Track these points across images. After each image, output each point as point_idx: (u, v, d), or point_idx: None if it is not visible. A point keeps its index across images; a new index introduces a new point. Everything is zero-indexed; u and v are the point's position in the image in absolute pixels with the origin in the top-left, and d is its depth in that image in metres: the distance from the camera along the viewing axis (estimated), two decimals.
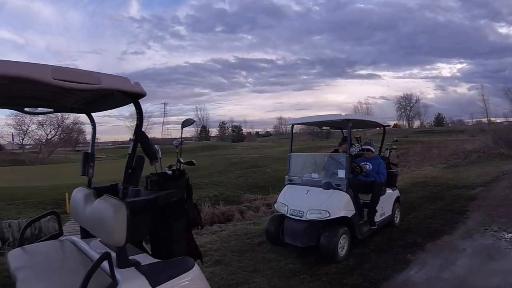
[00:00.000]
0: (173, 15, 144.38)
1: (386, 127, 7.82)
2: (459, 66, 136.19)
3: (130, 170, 2.59)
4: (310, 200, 5.48)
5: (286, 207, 5.65)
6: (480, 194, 9.99)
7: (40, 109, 3.56)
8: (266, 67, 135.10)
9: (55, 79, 2.04)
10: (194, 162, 3.65)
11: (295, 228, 5.38)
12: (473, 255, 5.29)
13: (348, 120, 5.81)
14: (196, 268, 2.83)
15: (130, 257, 2.66)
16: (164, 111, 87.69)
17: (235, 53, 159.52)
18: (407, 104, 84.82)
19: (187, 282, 2.68)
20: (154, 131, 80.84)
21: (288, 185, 6.29)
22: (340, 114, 5.99)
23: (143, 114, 2.70)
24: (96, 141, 3.79)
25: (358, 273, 4.75)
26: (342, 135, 7.72)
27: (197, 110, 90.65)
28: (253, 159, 25.15)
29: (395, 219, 6.94)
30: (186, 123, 3.79)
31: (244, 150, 38.81)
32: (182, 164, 3.50)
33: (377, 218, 6.10)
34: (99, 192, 3.23)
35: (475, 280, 4.45)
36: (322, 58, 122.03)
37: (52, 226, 11.07)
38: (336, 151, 6.96)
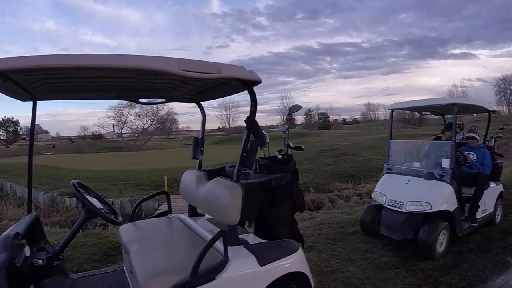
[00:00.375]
0: (253, 7, 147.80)
1: (491, 113, 7.19)
2: None
3: (245, 154, 2.71)
4: (411, 190, 5.24)
5: (385, 197, 5.46)
6: None
7: (153, 100, 3.85)
8: (351, 51, 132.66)
9: (181, 70, 2.18)
10: (302, 147, 3.72)
11: (392, 219, 5.19)
12: None
13: (454, 104, 5.42)
14: (300, 251, 2.94)
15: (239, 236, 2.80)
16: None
17: (318, 39, 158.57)
18: (507, 87, 76.03)
19: (292, 264, 2.77)
20: (240, 120, 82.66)
21: (387, 174, 6.05)
22: (444, 98, 5.67)
23: (256, 101, 2.80)
24: (187, 129, 4.01)
25: (455, 272, 4.52)
26: (443, 122, 7.30)
27: (282, 99, 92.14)
28: (342, 147, 24.68)
29: (496, 217, 6.42)
30: (293, 109, 3.87)
31: (332, 137, 38.22)
32: (290, 149, 3.59)
33: (479, 214, 5.70)
34: (209, 174, 3.43)
35: None
36: (411, 38, 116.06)
37: (151, 205, 11.78)
38: (437, 138, 6.57)
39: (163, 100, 3.79)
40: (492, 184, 6.25)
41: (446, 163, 5.28)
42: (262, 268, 2.59)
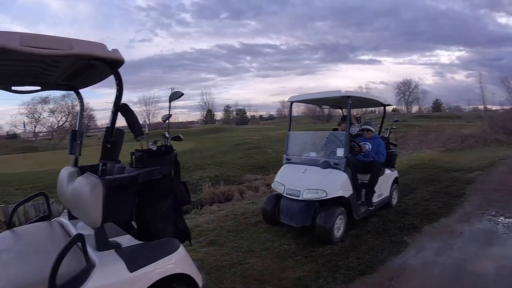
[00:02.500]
0: (179, 3, 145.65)
1: (386, 107, 7.61)
2: (458, 53, 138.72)
3: (109, 145, 2.42)
4: (307, 179, 5.36)
5: (283, 186, 5.53)
6: (477, 177, 9.93)
7: (27, 88, 3.35)
8: (270, 52, 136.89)
9: (23, 46, 1.90)
10: (181, 137, 3.42)
11: (291, 207, 5.26)
12: (470, 239, 5.20)
13: (348, 97, 5.59)
14: (181, 250, 2.68)
15: (112, 239, 2.54)
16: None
17: (240, 39, 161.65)
18: (406, 90, 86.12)
19: (170, 266, 2.53)
20: (161, 116, 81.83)
21: (286, 164, 6.14)
22: (340, 90, 5.77)
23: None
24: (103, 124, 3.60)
25: (353, 255, 4.66)
26: (344, 115, 7.56)
27: (203, 95, 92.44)
28: (255, 141, 25.00)
29: (393, 200, 6.87)
30: (174, 96, 3.50)
31: (248, 132, 38.74)
32: (169, 140, 3.27)
33: (375, 199, 6.02)
34: (83, 171, 3.06)
35: (473, 265, 4.34)
36: (325, 43, 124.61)
37: (56, 208, 10.83)
38: (335, 130, 6.79)
39: (38, 88, 3.36)
40: (388, 171, 6.64)
41: (340, 152, 5.47)
42: (132, 274, 2.33)
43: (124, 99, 3.18)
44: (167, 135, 3.23)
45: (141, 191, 2.87)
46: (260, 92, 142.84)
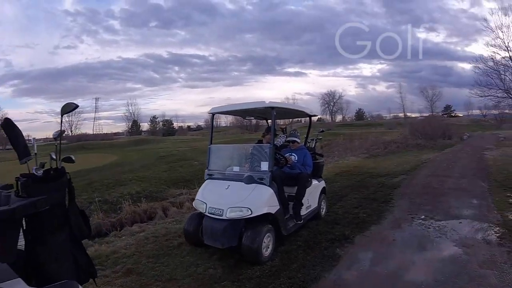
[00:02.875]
0: (107, 9, 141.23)
1: (312, 117, 7.56)
2: (379, 66, 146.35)
3: None
4: (231, 196, 5.01)
5: (205, 204, 5.11)
6: (402, 182, 10.31)
7: None
8: (199, 63, 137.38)
9: None
10: (73, 158, 2.81)
11: (214, 228, 4.86)
12: (404, 246, 5.19)
13: (272, 108, 5.35)
14: None
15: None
16: (96, 107, 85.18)
17: (168, 49, 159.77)
18: (331, 100, 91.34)
19: None
20: (85, 127, 78.14)
21: (208, 180, 5.74)
22: (264, 101, 5.51)
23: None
24: (28, 138, 2.90)
25: (285, 275, 4.36)
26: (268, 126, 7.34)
27: (128, 105, 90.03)
28: (182, 152, 24.43)
29: (321, 210, 6.75)
30: (66, 108, 2.82)
31: (174, 143, 37.90)
32: (60, 162, 2.67)
33: (303, 211, 5.83)
34: None
35: (410, 273, 4.26)
36: (253, 55, 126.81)
37: None
38: (260, 142, 6.54)
39: None
40: (315, 182, 6.50)
41: (265, 166, 5.21)
42: None
43: (47, 109, 2.57)
44: (53, 157, 2.65)
45: (30, 225, 2.38)
46: (188, 102, 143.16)
